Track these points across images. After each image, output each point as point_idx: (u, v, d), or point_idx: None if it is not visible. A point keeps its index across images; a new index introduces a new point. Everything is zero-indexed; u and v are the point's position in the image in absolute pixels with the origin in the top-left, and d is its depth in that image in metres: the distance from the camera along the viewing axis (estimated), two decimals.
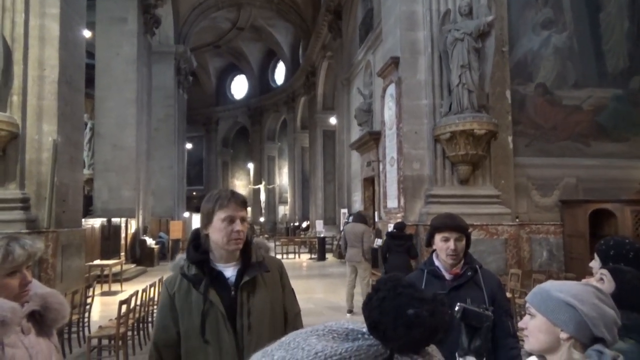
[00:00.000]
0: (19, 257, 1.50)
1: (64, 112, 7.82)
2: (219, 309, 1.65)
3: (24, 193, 7.32)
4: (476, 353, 1.56)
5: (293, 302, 1.89)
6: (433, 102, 8.14)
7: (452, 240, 2.10)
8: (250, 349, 1.60)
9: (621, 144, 9.02)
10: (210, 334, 1.64)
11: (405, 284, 0.93)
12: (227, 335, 1.64)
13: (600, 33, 9.20)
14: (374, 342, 0.87)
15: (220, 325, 1.64)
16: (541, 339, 1.20)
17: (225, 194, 1.73)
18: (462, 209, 7.10)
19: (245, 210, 1.74)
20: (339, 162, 18.12)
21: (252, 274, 1.71)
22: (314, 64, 22.84)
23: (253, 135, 33.86)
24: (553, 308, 1.18)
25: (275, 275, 1.82)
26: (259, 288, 1.72)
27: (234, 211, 1.68)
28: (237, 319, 1.66)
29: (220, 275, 1.71)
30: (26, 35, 7.39)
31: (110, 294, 9.77)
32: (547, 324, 1.19)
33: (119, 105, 14.28)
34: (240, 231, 1.68)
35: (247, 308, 1.67)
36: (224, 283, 1.70)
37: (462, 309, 1.63)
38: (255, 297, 1.70)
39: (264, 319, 1.69)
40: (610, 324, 1.16)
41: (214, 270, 1.71)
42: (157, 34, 18.54)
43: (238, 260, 1.74)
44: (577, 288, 1.20)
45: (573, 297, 1.16)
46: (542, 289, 1.25)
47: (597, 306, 1.16)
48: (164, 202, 19.29)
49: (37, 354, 1.54)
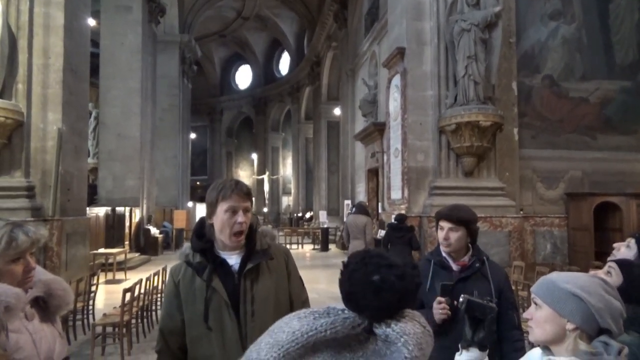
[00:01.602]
0: (22, 244, 1.51)
1: (68, 101, 7.82)
2: (222, 296, 1.66)
3: (29, 181, 7.34)
4: (479, 345, 1.56)
5: (300, 290, 1.88)
6: (438, 93, 8.08)
7: (445, 229, 2.14)
8: (253, 336, 1.58)
9: (628, 137, 8.94)
10: (214, 321, 1.65)
11: (373, 254, 0.95)
12: (230, 322, 1.65)
13: (610, 24, 9.09)
14: (349, 314, 0.90)
15: (223, 313, 1.65)
16: (547, 329, 1.19)
17: (229, 184, 1.71)
18: (466, 201, 7.07)
19: (250, 200, 1.73)
20: (343, 153, 18.08)
21: (255, 261, 1.71)
22: (318, 54, 22.73)
23: (257, 125, 33.81)
24: (559, 299, 1.18)
25: (280, 263, 1.81)
26: (263, 275, 1.72)
27: (237, 202, 1.68)
28: (241, 306, 1.66)
29: (224, 263, 1.71)
30: (31, 23, 7.37)
31: (114, 282, 9.84)
32: (554, 315, 1.18)
33: (124, 95, 14.28)
34: (243, 222, 1.67)
35: (251, 295, 1.67)
36: (227, 271, 1.70)
37: (466, 301, 1.63)
38: (259, 285, 1.70)
39: (268, 306, 1.69)
40: (616, 315, 1.16)
41: (218, 258, 1.71)
42: (162, 23, 18.47)
43: (242, 248, 1.74)
44: (584, 279, 1.19)
45: (580, 289, 1.16)
46: (548, 279, 1.24)
47: (604, 297, 1.15)
48: (168, 192, 19.34)
49: (41, 339, 1.55)
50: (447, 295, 1.91)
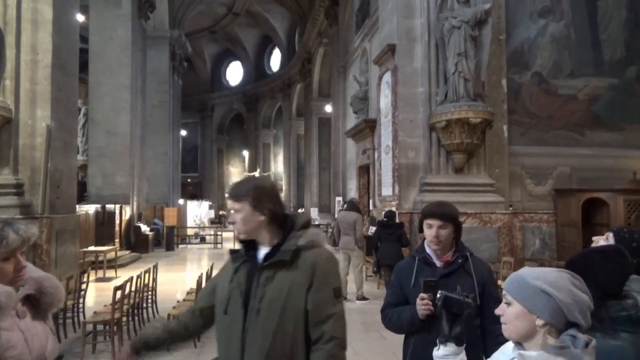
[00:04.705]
0: (12, 242, 1.50)
1: (57, 97, 7.75)
2: (240, 286, 1.70)
3: (18, 178, 7.28)
4: (456, 339, 1.60)
5: (326, 303, 1.65)
6: (429, 90, 8.12)
7: (434, 227, 2.14)
8: (254, 332, 1.62)
9: (616, 134, 9.05)
10: (230, 308, 1.70)
11: None
12: (238, 313, 1.67)
13: (598, 22, 9.17)
14: None
15: (237, 302, 1.69)
16: (518, 326, 1.21)
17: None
18: (456, 197, 7.14)
19: (237, 202, 1.72)
20: (335, 150, 18.09)
21: (274, 259, 1.68)
22: (310, 50, 22.68)
23: (248, 122, 33.69)
24: (529, 295, 1.19)
25: (303, 270, 1.66)
26: (280, 278, 1.66)
27: (230, 204, 1.77)
28: (250, 300, 1.67)
29: (256, 256, 1.75)
30: (19, 19, 7.29)
31: (104, 280, 9.78)
32: (524, 311, 1.20)
33: (113, 91, 14.15)
34: (232, 222, 1.75)
35: (262, 292, 1.66)
36: (255, 263, 1.74)
37: (443, 297, 1.67)
38: (273, 284, 1.66)
39: (275, 308, 1.64)
40: (584, 309, 1.18)
41: (251, 250, 1.76)
42: (152, 19, 18.31)
43: (269, 243, 1.74)
44: (553, 275, 1.21)
45: (549, 285, 1.18)
46: (518, 276, 1.25)
47: (572, 292, 1.17)
48: (158, 189, 19.23)
49: (33, 337, 1.55)
50: (430, 291, 1.93)
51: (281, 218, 1.75)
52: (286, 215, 1.77)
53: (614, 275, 1.57)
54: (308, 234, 1.73)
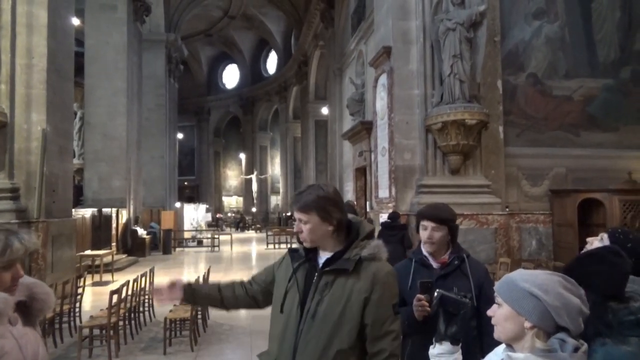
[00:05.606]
0: (17, 251, 1.50)
1: (53, 101, 7.73)
2: (298, 288, 1.73)
3: (13, 183, 7.25)
4: (452, 339, 1.61)
5: (384, 318, 1.65)
6: (425, 92, 8.14)
7: (429, 229, 2.18)
8: (308, 335, 1.64)
9: (611, 134, 9.09)
10: (287, 307, 1.73)
11: None
12: (295, 314, 1.70)
13: (592, 23, 9.21)
14: None
15: (294, 303, 1.71)
16: (507, 327, 1.22)
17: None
18: (452, 199, 7.14)
19: (304, 213, 1.73)
20: (331, 152, 18.11)
21: (335, 266, 1.70)
22: (306, 53, 22.71)
23: (245, 125, 33.71)
24: (518, 297, 1.20)
25: (362, 285, 1.66)
26: (339, 286, 1.67)
27: (296, 214, 1.78)
28: (307, 302, 1.70)
29: (315, 259, 1.78)
30: (13, 23, 7.27)
31: (101, 284, 9.75)
32: (513, 313, 1.21)
33: (109, 94, 14.14)
34: (297, 232, 1.77)
35: (320, 297, 1.68)
36: (314, 268, 1.76)
37: (440, 295, 1.68)
38: (332, 290, 1.68)
39: (331, 315, 1.65)
40: (574, 313, 1.17)
41: (310, 253, 1.78)
42: (148, 22, 18.33)
43: (332, 249, 1.76)
44: (542, 278, 1.21)
45: (537, 287, 1.18)
46: (509, 278, 1.27)
47: (561, 295, 1.17)
48: (155, 192, 19.20)
49: (27, 344, 1.54)
50: (427, 292, 1.95)
51: (346, 226, 1.79)
52: (350, 223, 1.80)
53: (609, 276, 1.52)
54: (371, 245, 1.73)
